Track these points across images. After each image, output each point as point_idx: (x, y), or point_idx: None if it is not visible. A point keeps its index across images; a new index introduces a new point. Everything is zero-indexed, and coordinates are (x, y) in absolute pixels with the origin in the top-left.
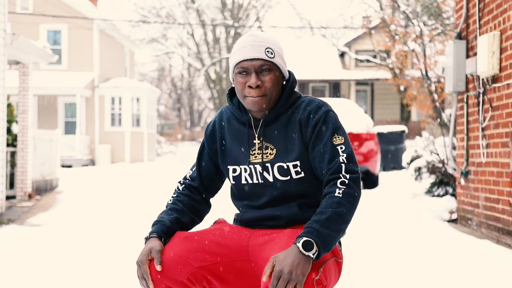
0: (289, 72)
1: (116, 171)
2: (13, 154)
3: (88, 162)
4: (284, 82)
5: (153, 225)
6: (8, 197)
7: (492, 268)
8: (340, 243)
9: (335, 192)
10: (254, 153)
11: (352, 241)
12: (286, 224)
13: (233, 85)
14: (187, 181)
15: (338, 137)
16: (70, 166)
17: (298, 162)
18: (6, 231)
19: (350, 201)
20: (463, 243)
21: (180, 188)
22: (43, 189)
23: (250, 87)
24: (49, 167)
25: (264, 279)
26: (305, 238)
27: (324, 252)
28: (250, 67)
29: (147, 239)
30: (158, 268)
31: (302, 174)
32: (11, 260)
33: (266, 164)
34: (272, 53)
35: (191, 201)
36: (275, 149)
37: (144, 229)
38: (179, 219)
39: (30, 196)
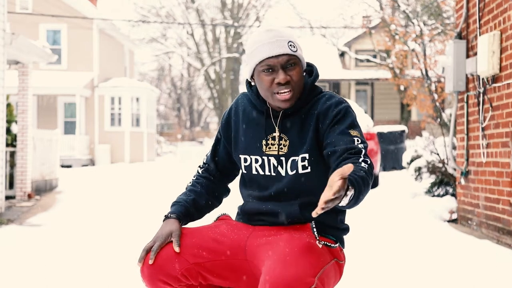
0: (312, 66)
1: (116, 171)
2: (12, 154)
3: (88, 162)
4: (304, 74)
5: (172, 206)
6: (7, 197)
7: (492, 268)
8: (343, 243)
9: (361, 163)
10: (269, 144)
11: (352, 241)
12: (285, 220)
13: (252, 83)
14: (206, 165)
15: (355, 131)
16: (69, 166)
17: (306, 155)
18: (6, 231)
19: (370, 180)
20: (463, 243)
21: (200, 171)
22: (42, 189)
23: (279, 83)
24: (48, 167)
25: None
26: (351, 191)
27: (346, 207)
28: (277, 64)
29: (166, 217)
30: (177, 249)
31: (309, 170)
32: (11, 260)
33: (281, 158)
34: (294, 47)
35: (210, 183)
36: (288, 141)
37: (143, 229)
38: (197, 201)
39: (29, 196)
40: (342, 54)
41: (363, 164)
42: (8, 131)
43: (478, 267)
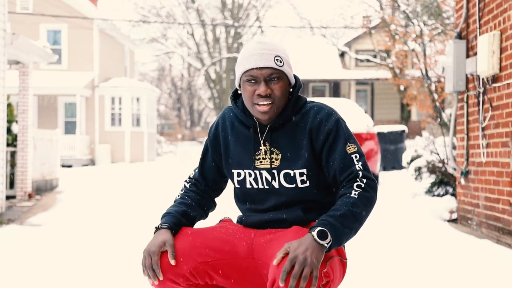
0: (295, 77)
1: (116, 171)
2: (13, 154)
3: (88, 162)
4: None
5: (162, 217)
6: (8, 197)
7: (492, 268)
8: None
9: (351, 193)
10: (259, 158)
11: (352, 240)
12: (290, 226)
13: (239, 91)
14: (193, 180)
15: (351, 145)
16: (70, 166)
17: (304, 170)
18: (6, 231)
19: (365, 204)
20: (463, 243)
21: (187, 185)
22: (43, 189)
23: (259, 95)
24: (49, 167)
25: (274, 262)
26: (320, 228)
27: (335, 246)
28: (259, 76)
29: (157, 228)
30: (173, 262)
31: (307, 184)
32: (11, 260)
33: (273, 171)
34: (281, 62)
35: (198, 196)
36: (280, 155)
37: (143, 228)
38: (187, 212)
39: (30, 196)
40: (342, 54)
41: (352, 194)
42: (9, 131)
43: (478, 267)
